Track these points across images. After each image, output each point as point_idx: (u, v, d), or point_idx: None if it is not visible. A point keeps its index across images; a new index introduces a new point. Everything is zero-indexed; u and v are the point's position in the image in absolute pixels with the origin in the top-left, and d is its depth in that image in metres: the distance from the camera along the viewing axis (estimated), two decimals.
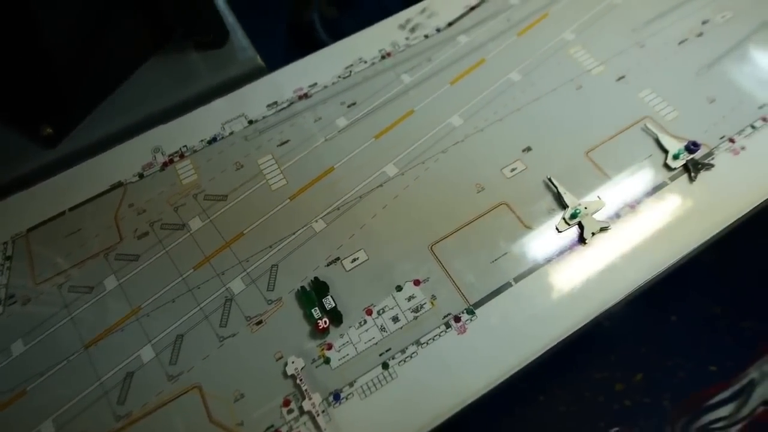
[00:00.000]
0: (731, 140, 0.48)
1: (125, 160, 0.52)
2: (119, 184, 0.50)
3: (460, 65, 0.56)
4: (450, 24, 0.60)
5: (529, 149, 0.49)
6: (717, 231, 0.45)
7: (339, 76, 0.56)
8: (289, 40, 1.76)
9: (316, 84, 0.56)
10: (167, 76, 0.59)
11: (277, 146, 0.51)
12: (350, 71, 0.56)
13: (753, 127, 0.49)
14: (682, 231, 0.44)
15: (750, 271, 1.41)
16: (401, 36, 0.59)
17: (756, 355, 1.30)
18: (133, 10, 0.55)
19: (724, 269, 1.43)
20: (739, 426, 1.23)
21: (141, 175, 0.50)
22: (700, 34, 0.57)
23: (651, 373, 1.30)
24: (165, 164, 0.51)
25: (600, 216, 0.45)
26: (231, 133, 0.53)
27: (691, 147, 0.47)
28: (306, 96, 0.55)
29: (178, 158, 0.51)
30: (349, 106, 0.54)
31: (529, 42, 0.57)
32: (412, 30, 0.59)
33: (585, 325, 0.41)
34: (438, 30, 0.59)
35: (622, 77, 0.54)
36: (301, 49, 0.62)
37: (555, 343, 0.40)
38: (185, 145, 0.52)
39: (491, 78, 0.55)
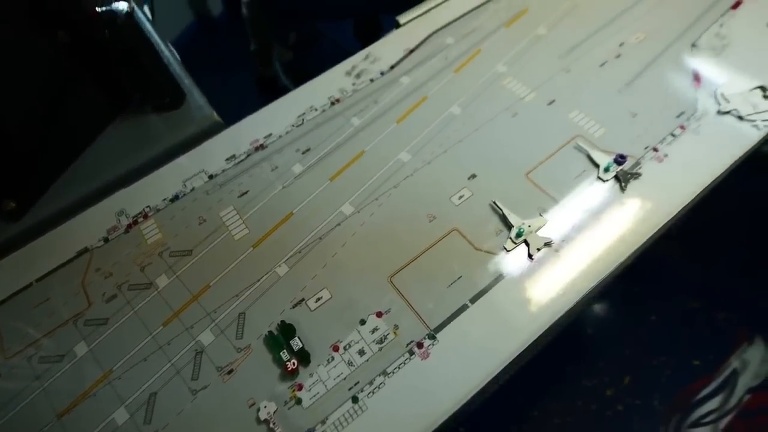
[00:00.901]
0: (655, 149, 0.53)
1: (90, 226, 0.53)
2: (85, 250, 0.51)
3: (405, 104, 0.60)
4: (392, 67, 0.64)
5: (474, 176, 0.53)
6: (651, 233, 0.48)
7: (292, 125, 0.59)
8: (249, 91, 1.81)
9: (271, 134, 0.59)
10: (128, 140, 0.62)
11: (238, 197, 0.54)
12: (303, 119, 0.60)
13: (673, 135, 0.54)
14: (620, 237, 0.48)
15: (718, 264, 1.47)
16: (348, 82, 0.63)
17: (734, 345, 1.35)
18: (89, 81, 0.58)
19: (695, 264, 1.49)
20: (729, 417, 1.25)
21: (106, 239, 0.52)
22: (619, 56, 0.62)
23: (638, 374, 1.33)
24: (129, 226, 0.53)
25: (543, 232, 0.48)
26: (192, 189, 0.55)
27: (619, 159, 0.51)
28: (262, 147, 0.58)
29: (142, 219, 0.53)
30: (303, 153, 0.57)
31: (465, 77, 0.62)
32: (358, 76, 0.63)
33: (541, 335, 0.43)
34: (382, 73, 0.63)
35: (553, 101, 0.58)
36: (268, 96, 0.65)
37: (515, 356, 0.42)
38: (148, 206, 0.54)
39: (434, 113, 0.59)
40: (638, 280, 1.44)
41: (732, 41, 0.62)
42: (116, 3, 0.57)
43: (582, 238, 0.48)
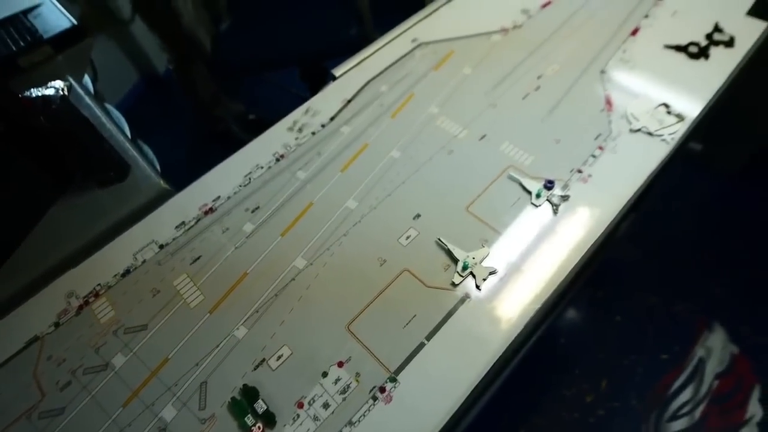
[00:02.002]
0: (579, 171, 0.57)
1: (38, 312, 0.52)
2: (35, 339, 0.50)
3: (347, 153, 0.63)
4: (332, 118, 0.67)
5: (418, 216, 0.55)
6: (587, 249, 0.52)
7: (240, 185, 0.61)
8: (202, 145, 1.82)
9: (219, 197, 0.60)
10: (73, 218, 0.61)
11: (191, 264, 0.54)
12: (250, 178, 0.61)
13: (593, 156, 0.59)
14: (558, 256, 0.51)
15: (670, 260, 1.55)
16: (291, 137, 0.65)
17: (696, 334, 1.41)
18: (28, 165, 0.58)
19: (649, 263, 1.57)
20: (703, 405, 1.30)
21: (57, 324, 0.51)
22: (538, 88, 0.68)
23: (613, 376, 1.37)
24: (80, 307, 0.52)
25: (487, 262, 0.51)
26: (143, 262, 0.55)
27: (548, 184, 0.55)
28: (211, 210, 0.59)
29: (93, 298, 0.52)
30: (253, 211, 0.58)
31: (402, 121, 0.66)
32: (300, 130, 0.66)
33: (498, 359, 0.45)
34: (323, 126, 0.66)
35: (484, 136, 0.63)
36: (222, 147, 0.66)
37: (475, 384, 0.44)
38: (99, 284, 0.53)
39: (376, 159, 0.62)
40: (600, 285, 1.50)
41: (635, 64, 0.69)
42: (51, 85, 0.58)
43: (524, 263, 0.51)
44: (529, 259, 0.51)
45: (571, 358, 1.40)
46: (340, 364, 0.45)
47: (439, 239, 0.52)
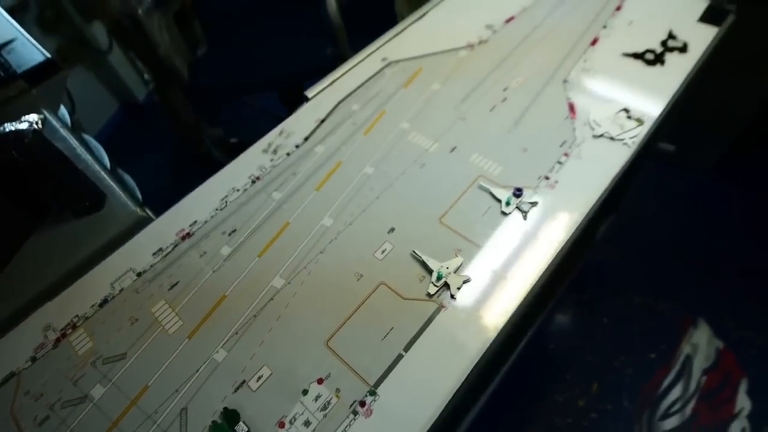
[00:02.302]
0: (546, 178, 0.59)
1: (15, 347, 0.52)
2: (11, 375, 0.50)
3: (322, 172, 0.64)
4: (306, 139, 0.68)
5: (393, 230, 0.57)
6: (556, 252, 0.53)
7: (217, 209, 0.61)
8: (183, 170, 1.82)
9: (196, 221, 0.60)
10: (49, 251, 0.61)
11: (168, 290, 0.54)
12: (226, 202, 0.62)
13: (559, 163, 0.61)
14: (529, 261, 0.52)
15: (651, 259, 1.58)
16: (266, 159, 0.66)
17: (682, 331, 1.44)
18: (1, 199, 0.58)
19: (631, 263, 1.60)
20: (693, 402, 1.31)
21: (34, 359, 0.50)
22: (504, 99, 0.70)
23: (604, 378, 1.38)
24: (58, 340, 0.52)
25: (461, 270, 0.52)
26: (121, 290, 0.55)
27: (516, 192, 0.57)
28: (189, 235, 0.59)
29: (70, 330, 0.52)
30: (230, 234, 0.58)
31: (374, 138, 0.67)
32: (275, 151, 0.67)
33: (475, 366, 0.46)
34: (297, 146, 0.67)
35: (454, 148, 0.64)
36: (204, 170, 0.67)
37: (454, 392, 0.45)
38: (76, 315, 0.53)
39: (350, 176, 0.63)
40: (585, 288, 1.52)
41: (596, 73, 0.72)
42: (25, 119, 0.59)
43: (497, 269, 0.52)
44: (501, 265, 0.52)
45: (562, 363, 1.41)
46: (320, 381, 0.46)
47: (413, 251, 0.54)
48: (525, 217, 0.56)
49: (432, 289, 0.50)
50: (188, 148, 1.70)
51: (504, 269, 0.52)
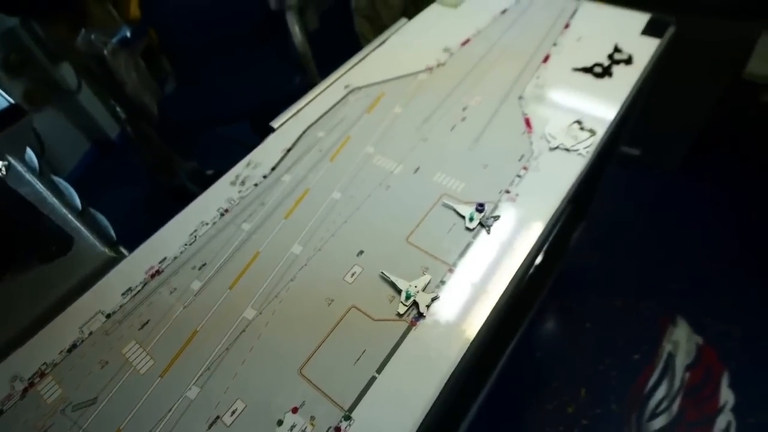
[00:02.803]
0: (507, 191, 0.61)
1: None
2: None
3: (290, 200, 0.65)
4: (273, 169, 0.69)
5: (362, 252, 0.58)
6: (521, 262, 0.55)
7: (186, 244, 0.61)
8: (157, 205, 1.81)
9: (165, 258, 0.60)
10: (16, 299, 0.60)
11: (139, 330, 0.54)
12: (195, 236, 0.62)
13: (519, 176, 0.63)
14: (495, 272, 0.54)
15: (626, 261, 1.61)
16: (234, 191, 0.67)
17: (662, 330, 1.46)
18: None
19: (609, 266, 1.63)
20: (679, 398, 1.33)
21: (0, 411, 0.49)
22: (464, 118, 0.72)
23: (591, 383, 1.39)
24: (26, 390, 0.50)
25: (429, 288, 0.53)
26: (90, 334, 0.54)
27: (479, 207, 0.59)
28: (158, 272, 0.59)
29: (38, 378, 0.51)
30: (200, 269, 0.59)
31: (340, 163, 0.69)
32: (243, 183, 0.68)
33: (448, 381, 0.47)
34: (264, 177, 0.68)
35: (418, 169, 0.66)
36: (179, 204, 0.67)
37: (429, 407, 0.45)
38: (45, 363, 0.52)
39: (318, 203, 0.64)
40: (566, 295, 1.55)
41: (549, 88, 0.75)
42: None
43: (464, 284, 0.53)
44: (468, 280, 0.54)
45: (549, 371, 1.42)
46: (295, 410, 0.46)
47: (382, 272, 0.54)
48: (489, 232, 0.57)
49: (401, 309, 0.51)
50: (163, 183, 1.69)
51: (471, 283, 0.53)
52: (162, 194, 1.82)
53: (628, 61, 0.78)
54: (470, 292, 0.53)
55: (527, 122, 0.70)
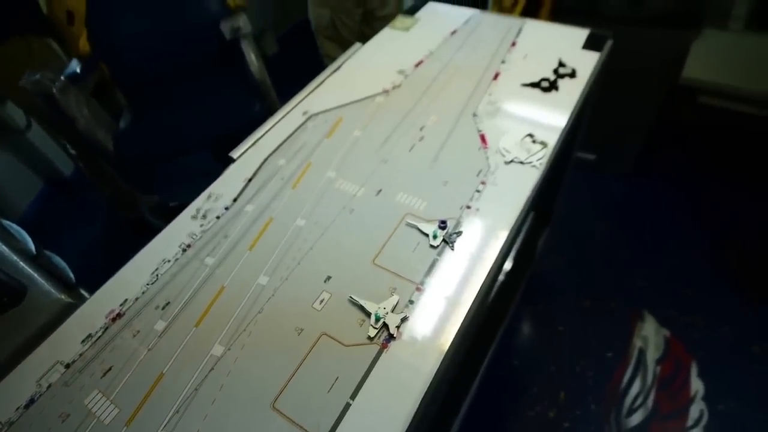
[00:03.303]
0: (468, 206, 0.63)
1: None
2: None
3: (254, 230, 0.64)
4: (235, 199, 0.69)
5: (329, 278, 0.58)
6: (486, 274, 0.56)
7: (147, 284, 0.60)
8: (120, 240, 1.75)
9: (126, 300, 0.58)
10: None
11: (101, 377, 0.52)
12: (157, 275, 0.61)
13: (478, 191, 0.65)
14: (462, 286, 0.55)
15: (592, 261, 1.67)
16: (196, 225, 0.66)
17: (631, 326, 1.51)
18: None
19: (576, 268, 1.68)
20: (653, 392, 1.37)
21: None
22: (422, 138, 0.74)
23: (569, 386, 1.41)
24: None
25: (399, 308, 0.53)
26: (49, 386, 0.52)
27: (441, 225, 0.60)
28: (119, 315, 0.57)
29: None
30: (163, 308, 0.57)
31: (303, 190, 0.69)
32: (204, 216, 0.67)
33: (422, 399, 0.47)
34: (226, 208, 0.68)
35: (380, 191, 0.67)
36: (142, 237, 0.65)
37: (406, 427, 0.45)
38: (0, 422, 0.49)
39: (282, 231, 0.64)
40: (537, 300, 1.58)
41: (500, 104, 0.78)
42: None
43: (432, 300, 0.54)
44: (436, 296, 0.54)
45: (528, 378, 1.44)
46: None
47: (350, 297, 0.55)
48: (452, 248, 0.58)
49: (372, 332, 0.51)
50: (124, 219, 1.64)
51: (439, 299, 0.54)
52: (123, 229, 1.77)
53: (572, 74, 0.82)
54: (439, 308, 0.53)
55: (482, 138, 0.73)
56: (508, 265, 1.33)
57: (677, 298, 1.55)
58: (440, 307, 0.53)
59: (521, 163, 0.68)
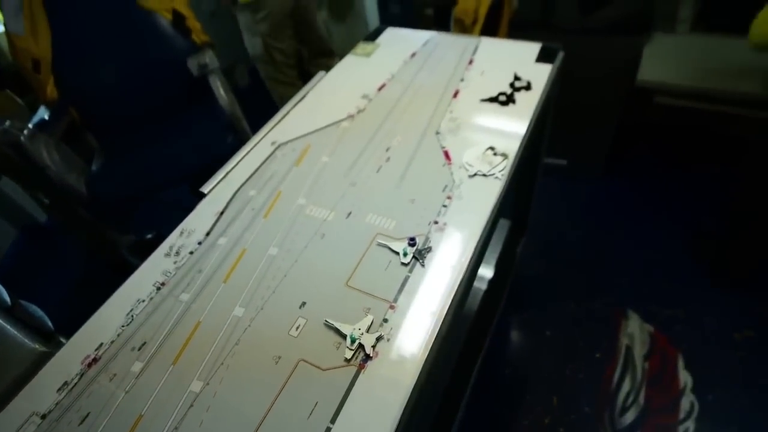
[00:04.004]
0: (436, 222, 0.65)
1: None
2: None
3: (227, 263, 0.65)
4: (208, 234, 0.69)
5: (304, 304, 0.58)
6: (457, 286, 0.57)
7: (122, 326, 0.60)
8: (98, 288, 1.72)
9: (102, 344, 0.58)
10: None
11: (79, 425, 0.51)
12: (132, 316, 0.60)
13: (444, 206, 0.67)
14: (435, 300, 0.56)
15: (570, 263, 1.70)
16: (169, 262, 0.66)
17: (616, 325, 1.53)
18: None
19: (557, 272, 1.70)
20: (643, 389, 1.39)
21: None
22: (388, 159, 0.76)
23: (561, 390, 1.42)
24: None
25: (374, 328, 0.54)
26: None
27: (411, 242, 0.62)
28: (95, 360, 0.57)
29: None
30: (140, 349, 0.57)
31: (274, 219, 0.70)
32: (177, 253, 0.67)
33: (403, 414, 0.47)
34: (199, 243, 0.68)
35: (350, 213, 0.68)
36: (121, 282, 0.65)
37: None
38: None
39: (255, 261, 0.64)
40: (522, 307, 1.60)
41: (462, 120, 0.81)
42: None
43: (406, 317, 0.55)
44: (410, 312, 0.55)
45: (520, 386, 1.44)
46: None
47: (326, 320, 0.55)
48: (423, 264, 0.60)
49: (348, 354, 0.52)
50: (102, 261, 1.62)
51: (413, 314, 0.55)
52: (103, 272, 1.74)
53: (528, 87, 0.86)
54: (413, 323, 0.54)
55: (446, 154, 0.75)
56: (489, 274, 1.34)
57: (658, 292, 1.58)
58: (414, 322, 0.54)
59: (484, 175, 0.70)
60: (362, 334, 0.53)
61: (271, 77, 1.93)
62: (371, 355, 0.52)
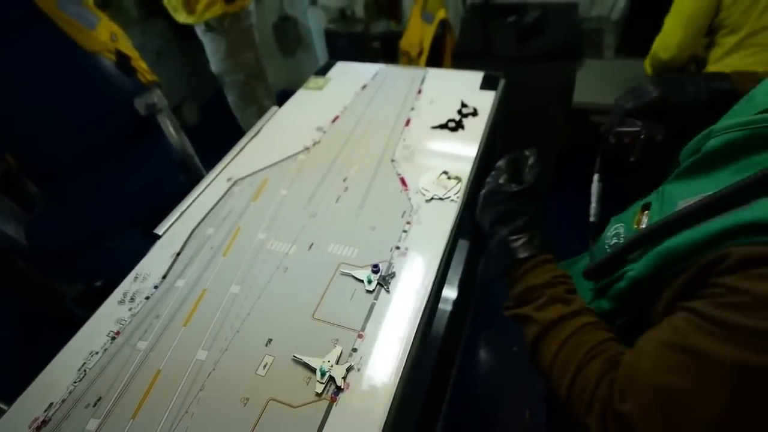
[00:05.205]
0: (397, 248, 0.66)
1: None
2: None
3: (187, 305, 0.63)
4: (164, 276, 0.67)
5: (270, 341, 0.57)
6: (423, 307, 0.58)
7: (74, 382, 0.56)
8: (43, 345, 1.60)
9: (51, 404, 0.54)
10: None
11: None
12: (84, 370, 0.57)
13: (405, 231, 0.68)
14: (403, 323, 0.56)
15: None
16: (124, 310, 0.63)
17: None
18: None
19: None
20: None
21: None
22: (347, 188, 0.77)
23: (532, 405, 1.44)
24: None
25: (343, 360, 0.54)
26: None
27: (374, 269, 0.62)
28: (44, 423, 0.52)
29: None
30: (95, 405, 0.53)
31: (234, 256, 0.69)
32: (132, 299, 0.64)
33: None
34: (156, 287, 0.66)
35: (312, 245, 0.69)
36: (68, 330, 0.60)
37: None
38: None
39: (217, 301, 0.63)
40: (489, 325, 1.63)
41: (415, 147, 0.84)
42: None
43: (375, 345, 0.55)
44: (378, 339, 0.56)
45: (493, 405, 1.45)
46: None
47: (294, 356, 0.54)
48: (387, 290, 0.61)
49: (319, 388, 0.51)
50: (46, 315, 1.51)
51: (381, 341, 0.55)
52: (46, 328, 1.61)
53: (474, 113, 0.91)
54: (382, 349, 0.55)
55: (402, 181, 0.77)
56: (453, 295, 1.37)
57: None
58: (383, 349, 0.55)
59: (440, 199, 0.73)
60: (332, 366, 0.53)
61: (240, 95, 1.86)
62: (342, 387, 0.51)
